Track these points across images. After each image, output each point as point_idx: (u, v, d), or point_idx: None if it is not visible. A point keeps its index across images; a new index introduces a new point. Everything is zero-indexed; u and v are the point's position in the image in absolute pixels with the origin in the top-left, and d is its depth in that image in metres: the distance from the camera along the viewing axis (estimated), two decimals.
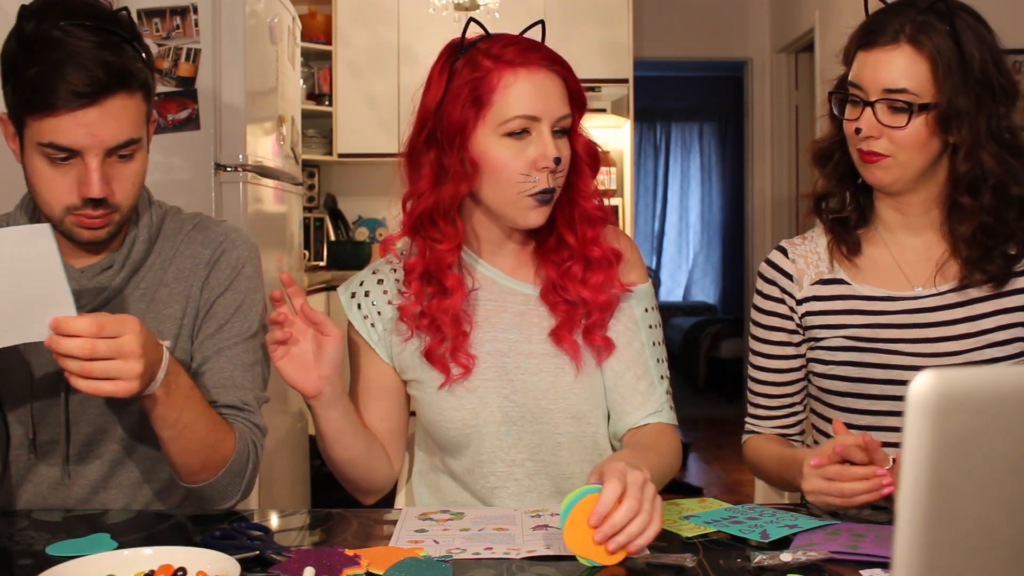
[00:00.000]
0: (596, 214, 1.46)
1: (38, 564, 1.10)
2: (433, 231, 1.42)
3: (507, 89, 1.38)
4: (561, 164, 1.40)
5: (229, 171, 2.83)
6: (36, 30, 1.30)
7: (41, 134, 1.29)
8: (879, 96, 1.41)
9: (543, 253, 1.48)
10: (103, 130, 1.30)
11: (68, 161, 1.31)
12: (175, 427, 1.28)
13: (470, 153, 1.39)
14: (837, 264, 1.54)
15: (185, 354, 1.45)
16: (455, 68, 1.41)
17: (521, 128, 1.38)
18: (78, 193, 1.32)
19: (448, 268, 1.42)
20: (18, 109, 1.32)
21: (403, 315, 1.45)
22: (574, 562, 1.13)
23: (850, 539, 1.18)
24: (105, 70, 1.28)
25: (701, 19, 6.18)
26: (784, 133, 6.06)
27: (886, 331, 1.48)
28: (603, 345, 1.46)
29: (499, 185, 1.39)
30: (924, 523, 0.63)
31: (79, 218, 1.34)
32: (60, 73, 1.27)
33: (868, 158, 1.44)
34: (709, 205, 9.10)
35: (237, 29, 2.79)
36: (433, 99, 1.41)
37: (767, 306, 1.58)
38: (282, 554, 1.13)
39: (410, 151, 1.44)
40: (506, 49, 1.40)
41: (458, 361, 1.43)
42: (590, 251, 1.45)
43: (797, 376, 1.58)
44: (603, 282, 1.46)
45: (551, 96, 1.39)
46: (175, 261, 1.47)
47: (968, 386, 0.63)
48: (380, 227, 5.55)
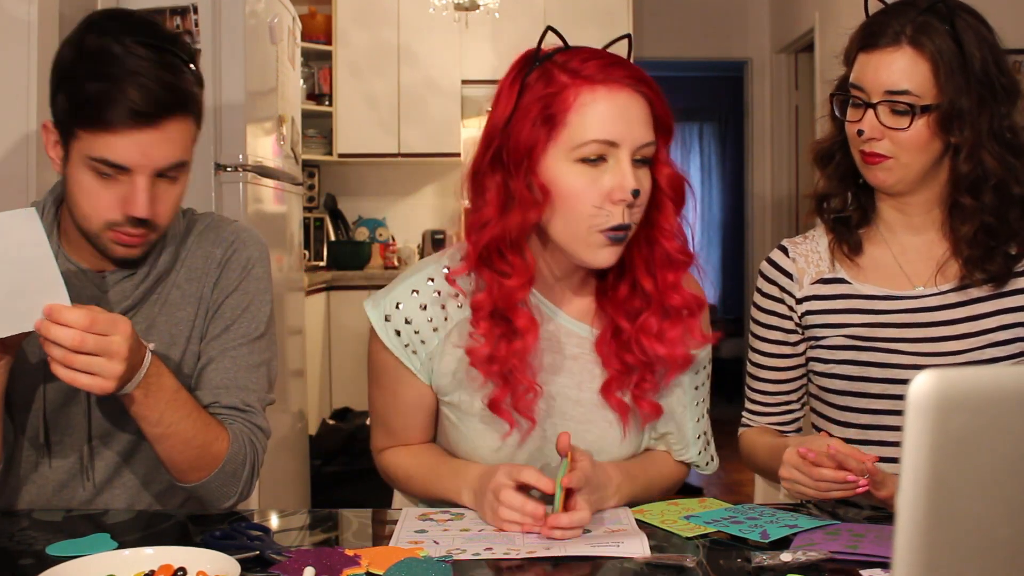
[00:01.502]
0: (679, 257, 1.31)
1: (38, 564, 1.09)
2: (501, 264, 1.28)
3: (584, 108, 1.23)
4: (640, 197, 1.25)
5: (229, 171, 2.82)
6: (98, 44, 1.29)
7: (93, 149, 1.29)
8: (881, 98, 1.41)
9: (611, 299, 1.35)
10: (156, 151, 1.30)
11: (115, 177, 1.31)
12: (158, 426, 1.29)
13: (539, 178, 1.25)
14: (838, 263, 1.54)
15: (195, 355, 1.45)
16: (527, 82, 1.27)
17: (597, 154, 1.23)
18: (121, 210, 1.32)
19: (518, 306, 1.29)
20: (70, 120, 1.30)
21: (474, 360, 1.31)
22: (574, 562, 1.13)
23: (850, 539, 1.18)
24: (165, 91, 1.28)
25: (701, 19, 6.18)
26: (784, 133, 6.06)
27: (886, 330, 1.48)
28: (651, 412, 1.36)
29: (568, 217, 1.25)
30: (924, 523, 0.63)
31: (117, 234, 1.34)
32: (121, 91, 1.26)
33: (870, 159, 1.44)
34: (709, 205, 9.09)
35: (237, 29, 2.79)
36: (501, 115, 1.27)
37: (766, 305, 1.58)
38: (282, 554, 1.13)
39: (474, 171, 1.31)
40: (586, 64, 1.25)
41: (525, 414, 1.31)
42: (669, 298, 1.31)
43: (794, 375, 1.59)
44: (682, 335, 1.32)
45: (633, 120, 1.24)
46: (187, 262, 1.47)
47: (968, 386, 0.63)
48: (380, 227, 5.55)
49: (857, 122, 1.44)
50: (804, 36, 5.38)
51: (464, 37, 5.11)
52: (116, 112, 1.26)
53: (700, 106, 8.93)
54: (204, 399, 1.40)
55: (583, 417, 1.38)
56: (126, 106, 1.26)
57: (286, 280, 3.39)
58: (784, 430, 1.61)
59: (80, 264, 1.41)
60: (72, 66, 1.30)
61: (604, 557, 1.14)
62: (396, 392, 1.42)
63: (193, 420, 1.32)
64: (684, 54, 6.36)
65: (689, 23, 6.18)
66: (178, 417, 1.30)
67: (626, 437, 1.39)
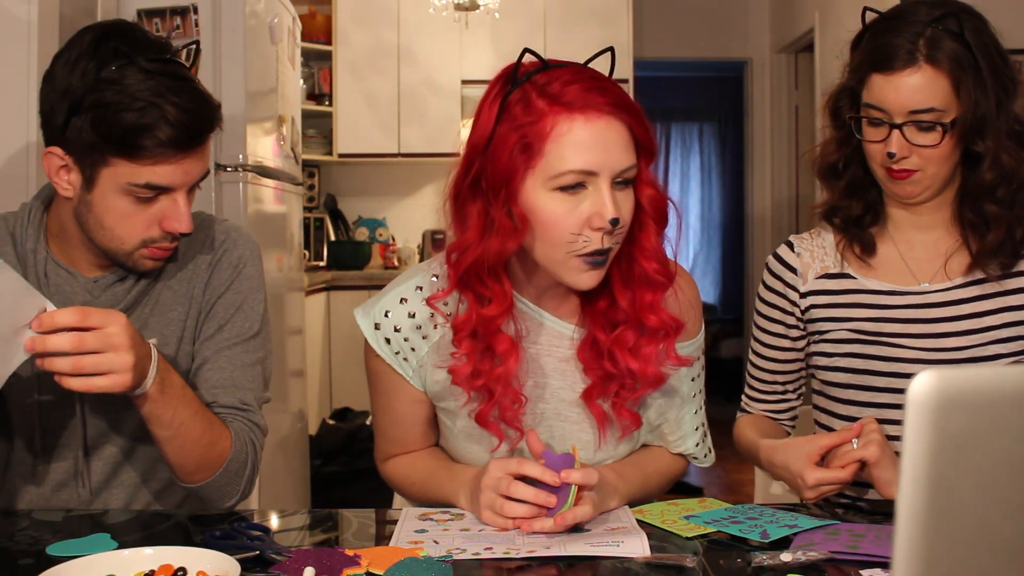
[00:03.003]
0: (657, 278, 1.31)
1: (38, 564, 1.09)
2: (480, 288, 1.29)
3: (561, 138, 1.21)
4: (620, 224, 1.24)
5: (229, 171, 2.83)
6: (117, 70, 1.27)
7: (136, 176, 1.29)
8: (906, 118, 1.41)
9: (592, 309, 1.35)
10: (195, 169, 1.34)
11: (155, 199, 1.32)
12: (171, 426, 1.28)
13: (518, 206, 1.24)
14: (847, 261, 1.55)
15: (188, 356, 1.45)
16: (507, 103, 1.24)
17: (575, 182, 1.22)
18: (160, 227, 1.34)
19: (498, 332, 1.30)
20: (99, 148, 1.28)
21: (457, 379, 1.32)
22: (574, 562, 1.13)
23: (850, 539, 1.18)
24: (200, 115, 1.31)
25: (701, 19, 6.18)
26: (784, 133, 6.06)
27: (890, 325, 1.49)
28: (631, 422, 1.36)
29: (547, 243, 1.25)
30: (924, 523, 0.63)
31: (152, 250, 1.35)
32: (162, 120, 1.27)
33: (899, 175, 1.45)
34: (709, 205, 9.09)
35: (237, 29, 2.79)
36: (481, 137, 1.26)
37: (769, 298, 1.62)
38: (282, 554, 1.13)
39: (455, 194, 1.30)
40: (566, 89, 1.22)
41: (513, 426, 1.33)
42: (646, 318, 1.31)
43: (792, 368, 1.64)
44: (656, 354, 1.32)
45: (611, 146, 1.22)
46: (178, 263, 1.46)
47: (968, 386, 0.63)
48: (380, 227, 5.55)
49: (882, 142, 1.44)
50: (804, 36, 5.38)
51: (464, 37, 5.11)
52: (159, 141, 1.27)
53: (700, 106, 8.93)
54: (202, 399, 1.40)
55: (576, 418, 1.38)
56: (169, 135, 1.28)
57: (286, 280, 3.39)
58: (779, 418, 1.68)
59: (70, 268, 1.41)
60: (92, 93, 1.27)
61: (604, 557, 1.14)
62: (392, 399, 1.42)
63: (201, 418, 1.32)
64: (684, 54, 6.36)
65: (689, 23, 6.18)
66: (188, 415, 1.30)
67: (600, 447, 1.38)
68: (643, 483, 1.40)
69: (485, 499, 1.25)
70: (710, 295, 9.16)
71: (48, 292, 1.38)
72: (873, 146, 1.46)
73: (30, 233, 1.41)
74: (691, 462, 1.50)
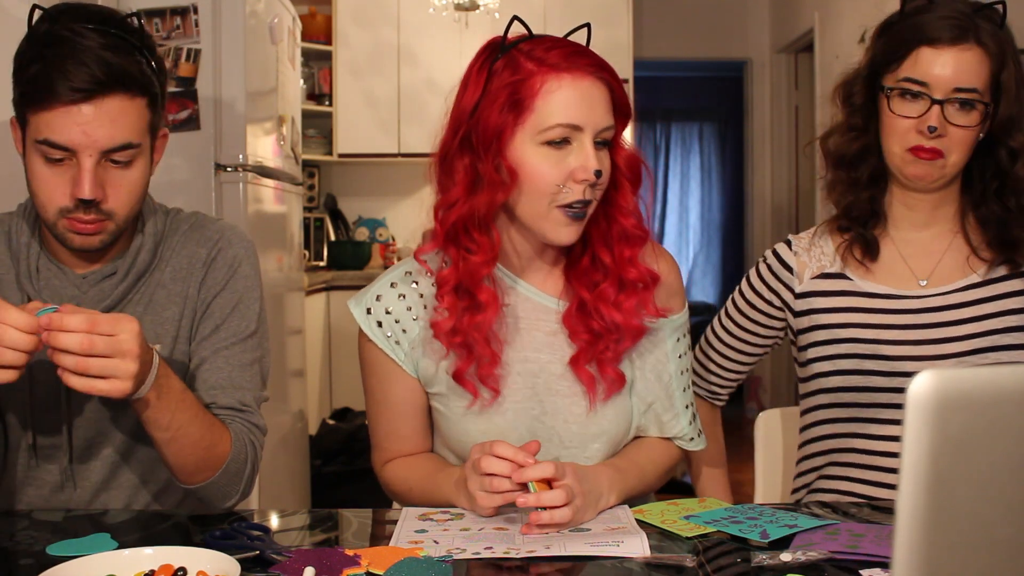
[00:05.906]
0: (635, 232, 1.39)
1: (38, 564, 1.09)
2: (467, 241, 1.35)
3: (549, 95, 1.30)
4: (601, 178, 1.32)
5: (229, 171, 2.82)
6: (47, 31, 1.30)
7: (38, 130, 1.29)
8: (949, 95, 1.40)
9: (575, 272, 1.41)
10: (98, 130, 1.29)
11: (64, 162, 1.30)
12: (168, 430, 1.28)
13: (507, 160, 1.32)
14: (846, 264, 1.54)
15: (184, 356, 1.45)
16: (494, 69, 1.34)
17: (562, 137, 1.30)
18: (70, 194, 1.31)
19: (482, 281, 1.35)
20: (21, 106, 1.32)
21: (437, 332, 1.37)
22: (574, 562, 1.13)
23: (850, 539, 1.18)
24: (105, 69, 1.28)
25: (701, 19, 6.18)
26: (784, 133, 6.06)
27: (888, 327, 1.49)
28: (615, 378, 1.40)
29: (532, 195, 1.32)
30: (924, 523, 0.63)
31: (71, 222, 1.33)
32: (61, 68, 1.27)
33: (924, 155, 1.43)
34: (709, 205, 9.09)
35: (237, 29, 2.79)
36: (469, 101, 1.35)
37: (761, 290, 1.62)
38: (282, 554, 1.13)
39: (443, 155, 1.37)
40: (550, 52, 1.32)
41: (488, 384, 1.37)
42: (626, 272, 1.38)
43: (745, 359, 1.68)
44: (636, 306, 1.39)
45: (596, 105, 1.32)
46: (172, 262, 1.46)
47: (968, 386, 0.63)
48: (380, 227, 5.55)
49: (916, 117, 1.42)
50: (804, 36, 5.38)
51: (464, 37, 5.11)
52: (55, 89, 1.27)
53: (700, 106, 8.94)
54: (201, 400, 1.39)
55: (567, 391, 1.40)
56: (65, 83, 1.26)
57: (286, 280, 3.39)
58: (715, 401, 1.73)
59: (61, 263, 1.41)
60: (23, 54, 1.32)
61: (604, 557, 1.14)
62: (387, 387, 1.45)
63: (200, 421, 1.32)
64: (684, 54, 6.36)
65: (689, 23, 6.18)
66: (187, 419, 1.29)
67: (591, 412, 1.40)
68: (640, 475, 1.40)
69: (472, 484, 1.27)
70: (710, 295, 9.16)
71: (38, 287, 1.39)
72: (903, 121, 1.44)
73: (24, 228, 1.42)
74: (685, 446, 1.49)
